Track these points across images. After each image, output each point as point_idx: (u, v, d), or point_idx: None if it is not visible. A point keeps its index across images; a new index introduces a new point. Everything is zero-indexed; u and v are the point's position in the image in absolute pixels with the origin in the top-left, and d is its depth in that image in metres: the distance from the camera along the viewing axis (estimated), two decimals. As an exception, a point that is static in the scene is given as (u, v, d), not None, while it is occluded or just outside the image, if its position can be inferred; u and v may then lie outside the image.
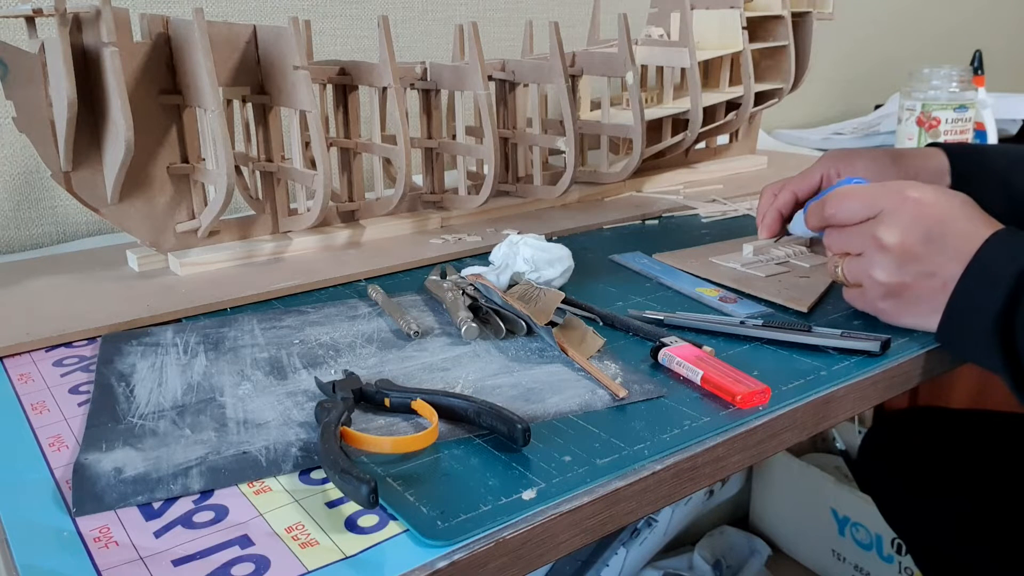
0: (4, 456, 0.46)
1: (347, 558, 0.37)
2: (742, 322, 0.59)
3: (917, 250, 0.54)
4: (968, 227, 0.54)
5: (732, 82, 1.07)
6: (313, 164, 0.72)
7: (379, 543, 0.38)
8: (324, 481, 0.43)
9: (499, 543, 0.38)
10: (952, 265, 0.53)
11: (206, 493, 0.42)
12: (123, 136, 0.64)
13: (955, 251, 0.53)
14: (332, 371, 0.54)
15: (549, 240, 0.73)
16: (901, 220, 0.54)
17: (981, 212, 0.55)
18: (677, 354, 0.53)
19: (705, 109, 0.98)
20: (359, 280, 0.72)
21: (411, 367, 0.55)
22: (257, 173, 0.78)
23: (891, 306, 0.57)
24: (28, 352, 0.59)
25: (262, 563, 0.36)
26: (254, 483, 0.42)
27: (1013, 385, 0.52)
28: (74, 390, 0.53)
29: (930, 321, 0.56)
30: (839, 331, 0.57)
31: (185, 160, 0.72)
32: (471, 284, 0.65)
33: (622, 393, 0.50)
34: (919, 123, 1.13)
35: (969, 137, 1.13)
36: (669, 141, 1.00)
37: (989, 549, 0.83)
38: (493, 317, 0.60)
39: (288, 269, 0.73)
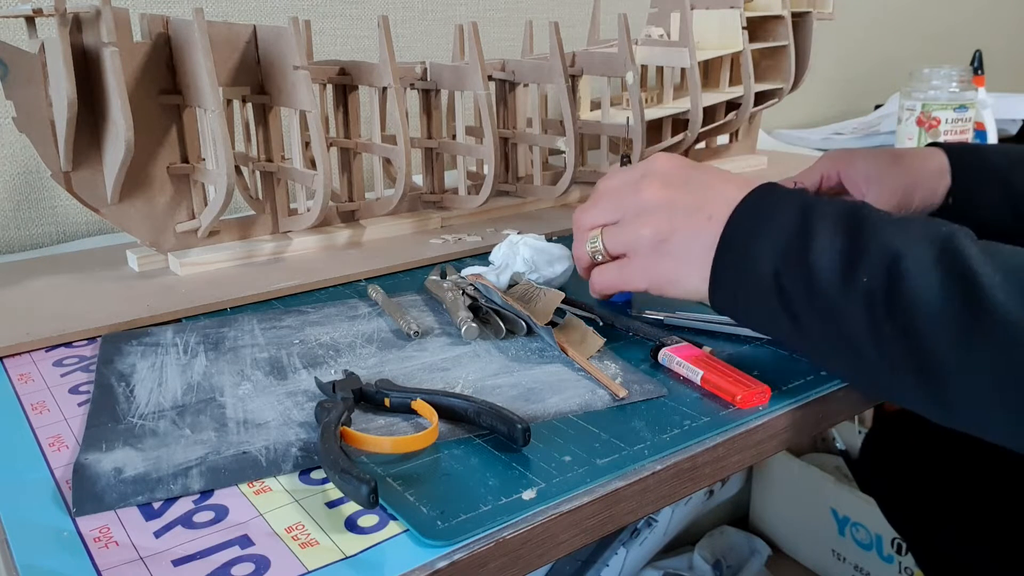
0: (4, 456, 0.46)
1: (347, 558, 0.37)
2: (742, 322, 0.59)
3: (678, 195, 0.52)
4: (729, 184, 0.52)
5: (732, 82, 1.07)
6: (313, 164, 0.72)
7: (379, 543, 0.38)
8: (324, 481, 0.43)
9: (499, 543, 0.38)
10: (718, 203, 0.50)
11: (206, 493, 0.42)
12: (123, 136, 0.64)
13: (719, 195, 0.51)
14: (332, 371, 0.54)
15: (549, 240, 0.73)
16: (658, 176, 0.53)
17: (743, 178, 0.53)
18: (677, 354, 0.53)
19: (705, 109, 0.98)
20: (359, 280, 0.72)
21: (411, 367, 0.55)
22: (257, 173, 0.78)
23: (659, 265, 0.53)
24: (28, 352, 0.59)
25: (262, 563, 0.36)
26: (254, 483, 0.42)
27: (793, 335, 0.49)
28: (74, 390, 0.53)
29: (703, 274, 0.51)
30: (839, 331, 0.57)
31: (185, 160, 0.72)
32: (471, 284, 0.65)
33: (622, 393, 0.50)
34: (919, 123, 1.13)
35: (969, 137, 1.13)
36: (669, 141, 1.00)
37: (989, 549, 0.83)
38: (493, 317, 0.60)
39: (288, 269, 0.73)
